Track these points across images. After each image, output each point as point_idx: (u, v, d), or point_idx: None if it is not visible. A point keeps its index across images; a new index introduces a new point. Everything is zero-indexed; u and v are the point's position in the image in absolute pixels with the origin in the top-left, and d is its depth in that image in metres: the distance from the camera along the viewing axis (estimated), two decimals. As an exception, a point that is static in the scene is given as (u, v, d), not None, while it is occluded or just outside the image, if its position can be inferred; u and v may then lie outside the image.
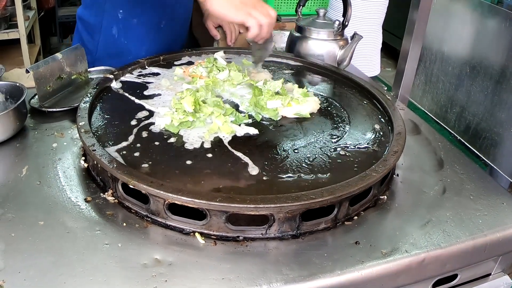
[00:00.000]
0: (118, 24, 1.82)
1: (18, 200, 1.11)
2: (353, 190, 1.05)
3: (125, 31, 1.83)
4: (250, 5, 1.38)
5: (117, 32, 1.84)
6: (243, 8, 1.37)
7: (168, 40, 1.93)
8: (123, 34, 1.85)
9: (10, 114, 1.31)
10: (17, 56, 3.86)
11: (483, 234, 1.11)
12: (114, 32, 1.84)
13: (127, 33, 1.84)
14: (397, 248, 1.04)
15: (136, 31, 1.78)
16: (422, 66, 1.82)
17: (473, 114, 1.58)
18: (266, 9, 1.41)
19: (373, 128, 1.37)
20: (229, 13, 1.37)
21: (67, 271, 0.92)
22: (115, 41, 1.86)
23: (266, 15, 1.40)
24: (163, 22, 1.90)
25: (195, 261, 0.97)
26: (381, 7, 2.50)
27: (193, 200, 0.98)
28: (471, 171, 1.34)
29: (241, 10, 1.37)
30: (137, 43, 1.84)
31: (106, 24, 1.84)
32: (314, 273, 0.95)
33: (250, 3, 1.38)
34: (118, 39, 1.86)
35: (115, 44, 1.86)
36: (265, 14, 1.39)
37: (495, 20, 1.55)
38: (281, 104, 1.40)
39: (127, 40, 1.85)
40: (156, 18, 1.87)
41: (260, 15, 1.38)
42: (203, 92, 1.39)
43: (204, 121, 1.31)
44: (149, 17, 1.85)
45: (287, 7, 2.83)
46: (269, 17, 1.40)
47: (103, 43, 1.87)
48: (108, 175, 1.11)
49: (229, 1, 1.36)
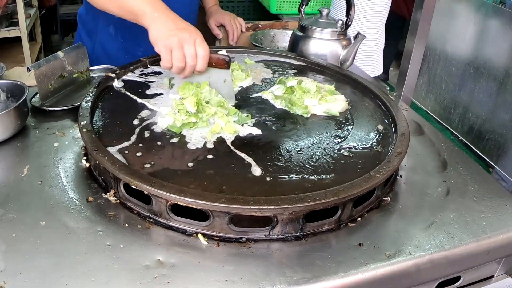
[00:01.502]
0: (114, 23, 1.81)
1: (19, 200, 1.11)
2: (357, 191, 1.05)
3: (121, 30, 1.83)
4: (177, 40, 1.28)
5: (114, 31, 1.84)
6: (169, 42, 1.28)
7: None
8: (119, 33, 1.84)
9: (11, 113, 1.30)
10: (18, 54, 3.85)
11: (486, 236, 1.11)
12: (111, 30, 1.84)
13: (123, 32, 1.83)
14: (401, 250, 1.03)
15: (132, 30, 1.77)
16: (426, 66, 1.81)
17: (476, 115, 1.58)
18: (194, 51, 1.30)
19: (376, 128, 1.36)
20: (155, 45, 1.30)
21: (68, 273, 0.92)
22: (112, 40, 1.85)
23: (188, 57, 1.30)
24: None
25: (197, 262, 0.96)
26: (384, 7, 2.49)
27: (196, 201, 0.97)
28: (475, 172, 1.33)
29: (166, 43, 1.29)
30: (134, 42, 1.83)
31: (103, 23, 1.83)
32: (317, 275, 0.95)
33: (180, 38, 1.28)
34: (115, 38, 1.85)
35: (112, 44, 1.86)
36: (187, 56, 1.30)
37: (498, 20, 1.54)
38: (317, 103, 1.42)
39: (124, 38, 1.85)
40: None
41: (177, 56, 1.29)
42: (207, 92, 1.38)
43: (207, 121, 1.30)
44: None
45: (290, 6, 2.82)
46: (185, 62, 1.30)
47: (100, 43, 1.87)
48: (110, 175, 1.11)
49: (160, 34, 1.30)
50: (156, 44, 1.30)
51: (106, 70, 1.67)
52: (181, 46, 1.29)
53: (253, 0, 3.36)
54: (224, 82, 1.43)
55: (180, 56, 1.29)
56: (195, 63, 1.31)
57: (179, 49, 1.29)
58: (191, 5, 2.01)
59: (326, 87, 1.53)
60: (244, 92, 1.53)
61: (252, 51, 1.86)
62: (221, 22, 2.21)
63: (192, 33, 1.31)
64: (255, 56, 1.82)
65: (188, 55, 1.30)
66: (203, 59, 1.32)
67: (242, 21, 2.23)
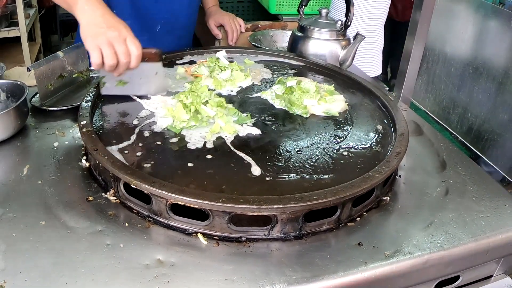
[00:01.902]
0: None
1: (19, 200, 1.11)
2: (356, 191, 1.05)
3: None
4: (106, 38, 1.24)
5: None
6: (96, 40, 1.24)
7: (167, 44, 1.92)
8: None
9: (11, 113, 1.30)
10: (17, 54, 3.85)
11: (485, 236, 1.11)
12: None
13: None
14: (400, 250, 1.04)
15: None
16: (425, 67, 1.81)
17: (475, 115, 1.58)
18: (126, 48, 1.27)
19: (375, 129, 1.37)
20: (84, 41, 1.26)
21: (68, 272, 0.92)
22: None
23: (119, 54, 1.26)
24: (158, 26, 1.89)
25: (197, 262, 0.96)
26: (383, 7, 2.49)
27: (196, 201, 0.98)
28: (474, 172, 1.34)
29: (93, 40, 1.25)
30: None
31: None
32: (317, 274, 0.95)
33: (108, 36, 1.24)
34: None
35: None
36: (118, 53, 1.26)
37: (497, 21, 1.54)
38: (316, 103, 1.43)
39: None
40: (150, 21, 1.87)
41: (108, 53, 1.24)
42: (207, 92, 1.38)
43: (206, 121, 1.31)
44: (143, 20, 1.84)
45: (289, 6, 2.82)
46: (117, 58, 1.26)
47: None
48: (110, 174, 1.11)
49: (88, 29, 1.27)
50: (85, 42, 1.26)
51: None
52: (110, 45, 1.25)
53: (253, 1, 3.36)
54: (156, 74, 1.44)
55: (110, 54, 1.25)
56: (129, 60, 1.28)
57: (109, 47, 1.25)
58: (191, 6, 2.01)
59: (326, 87, 1.53)
60: (243, 92, 1.54)
61: (252, 51, 1.86)
62: (220, 22, 2.21)
63: (121, 31, 1.27)
64: (254, 56, 1.82)
65: (120, 52, 1.26)
66: (136, 57, 1.29)
67: (241, 22, 2.23)
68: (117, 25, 1.28)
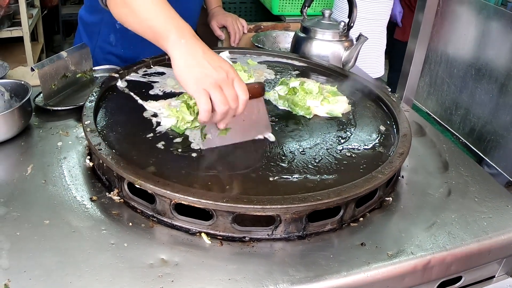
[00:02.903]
0: (116, 33, 1.82)
1: (23, 199, 1.11)
2: (360, 191, 1.05)
3: (122, 40, 1.83)
4: (214, 81, 1.08)
5: (114, 40, 1.84)
6: (202, 83, 1.07)
7: None
8: (120, 43, 1.84)
9: (15, 112, 1.30)
10: (20, 54, 3.86)
11: (488, 236, 1.11)
12: (112, 39, 1.84)
13: (124, 42, 1.83)
14: (402, 250, 1.04)
15: (133, 42, 1.77)
16: (427, 68, 1.82)
17: (478, 116, 1.58)
18: (235, 91, 1.10)
19: (378, 129, 1.37)
20: (185, 83, 1.10)
21: (72, 271, 0.92)
22: (112, 48, 1.86)
23: (230, 100, 1.09)
24: None
25: (201, 261, 0.97)
26: (386, 9, 2.50)
27: (200, 200, 0.98)
28: (476, 173, 1.34)
29: (198, 84, 1.08)
30: (134, 52, 1.83)
31: (104, 32, 1.84)
32: (320, 274, 0.95)
33: (215, 78, 1.08)
34: (115, 46, 1.85)
35: (111, 51, 1.86)
36: (228, 99, 1.09)
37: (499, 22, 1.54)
38: (319, 104, 1.43)
39: (123, 49, 1.85)
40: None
41: (218, 99, 1.07)
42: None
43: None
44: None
45: (292, 7, 2.83)
46: (229, 104, 1.09)
47: (100, 48, 1.87)
48: (114, 174, 1.11)
49: (190, 70, 1.09)
50: (188, 85, 1.10)
51: (109, 70, 1.68)
52: (220, 89, 1.08)
53: (255, 1, 3.36)
54: (258, 112, 1.25)
55: (221, 100, 1.08)
56: (237, 106, 1.11)
57: (219, 92, 1.08)
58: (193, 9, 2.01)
59: (328, 88, 1.54)
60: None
61: (255, 52, 1.86)
62: (223, 23, 2.22)
63: (229, 72, 1.10)
64: (257, 57, 1.82)
65: (230, 98, 1.09)
66: (244, 102, 1.12)
67: (244, 22, 2.23)
68: (223, 65, 1.11)
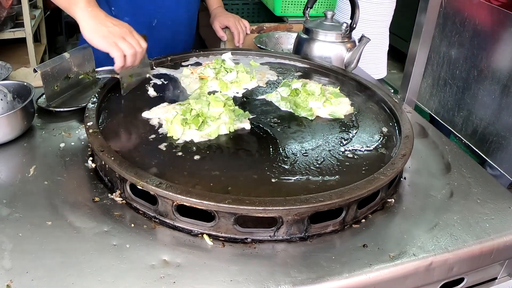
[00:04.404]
0: None
1: (25, 200, 1.11)
2: (362, 193, 1.05)
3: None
4: (118, 35, 1.34)
5: None
6: (110, 38, 1.33)
7: (164, 39, 1.93)
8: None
9: (18, 113, 1.31)
10: (22, 55, 3.86)
11: (490, 238, 1.11)
12: None
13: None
14: (404, 252, 1.04)
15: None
16: (429, 69, 1.81)
17: (480, 118, 1.58)
18: (136, 39, 1.37)
19: (380, 131, 1.37)
20: (95, 41, 1.33)
21: (75, 272, 0.93)
22: None
23: (134, 45, 1.36)
24: (154, 20, 1.90)
25: (203, 262, 0.97)
26: (389, 10, 2.49)
27: (202, 202, 0.98)
28: (478, 175, 1.34)
29: (107, 39, 1.32)
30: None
31: None
32: (322, 275, 0.95)
33: (119, 33, 1.34)
34: None
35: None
36: (133, 45, 1.35)
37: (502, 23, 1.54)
38: (322, 105, 1.44)
39: None
40: (146, 17, 1.88)
41: (126, 46, 1.34)
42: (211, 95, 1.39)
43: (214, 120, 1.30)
44: (140, 15, 1.85)
45: (294, 8, 2.83)
46: (135, 48, 1.35)
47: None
48: (116, 175, 1.11)
49: (98, 30, 1.33)
50: (98, 42, 1.33)
51: (111, 72, 1.68)
52: (124, 39, 1.34)
53: (258, 2, 3.36)
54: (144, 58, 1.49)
55: (128, 46, 1.34)
56: (142, 49, 1.38)
57: (124, 41, 1.34)
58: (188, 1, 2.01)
59: (331, 90, 1.54)
60: (249, 94, 1.54)
61: (257, 53, 1.86)
62: (225, 24, 2.21)
63: (127, 27, 1.38)
64: (260, 58, 1.83)
65: (134, 43, 1.36)
66: (145, 45, 1.40)
67: (246, 23, 2.23)
68: (121, 22, 1.38)
